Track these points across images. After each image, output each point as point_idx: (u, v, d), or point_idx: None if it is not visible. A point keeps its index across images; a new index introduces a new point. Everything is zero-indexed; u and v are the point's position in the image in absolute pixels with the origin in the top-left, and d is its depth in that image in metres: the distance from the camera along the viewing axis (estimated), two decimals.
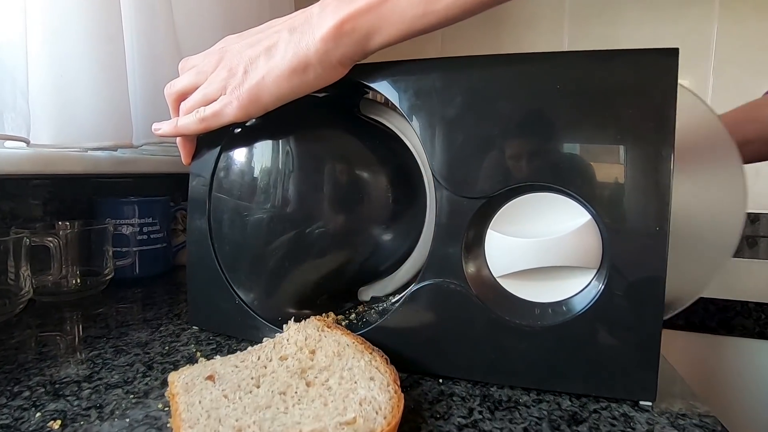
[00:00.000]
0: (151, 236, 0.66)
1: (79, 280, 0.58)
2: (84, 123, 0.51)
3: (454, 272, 0.34)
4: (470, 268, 0.34)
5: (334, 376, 0.30)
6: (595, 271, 0.32)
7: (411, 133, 0.42)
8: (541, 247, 0.32)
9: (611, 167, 0.31)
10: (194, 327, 0.46)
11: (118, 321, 0.48)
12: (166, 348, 0.41)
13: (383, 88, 0.36)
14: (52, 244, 0.52)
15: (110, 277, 0.60)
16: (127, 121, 0.55)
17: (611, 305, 0.31)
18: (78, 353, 0.40)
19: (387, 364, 0.31)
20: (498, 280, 0.34)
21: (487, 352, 0.34)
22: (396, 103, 0.36)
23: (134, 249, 0.64)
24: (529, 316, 0.33)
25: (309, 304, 0.42)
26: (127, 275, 0.64)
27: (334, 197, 0.40)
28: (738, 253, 0.96)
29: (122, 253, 0.63)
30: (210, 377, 0.30)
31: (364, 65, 0.37)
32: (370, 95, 0.45)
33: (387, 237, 0.42)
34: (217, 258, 0.43)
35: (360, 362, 0.31)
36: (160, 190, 0.69)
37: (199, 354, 0.40)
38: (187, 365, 0.32)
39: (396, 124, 0.43)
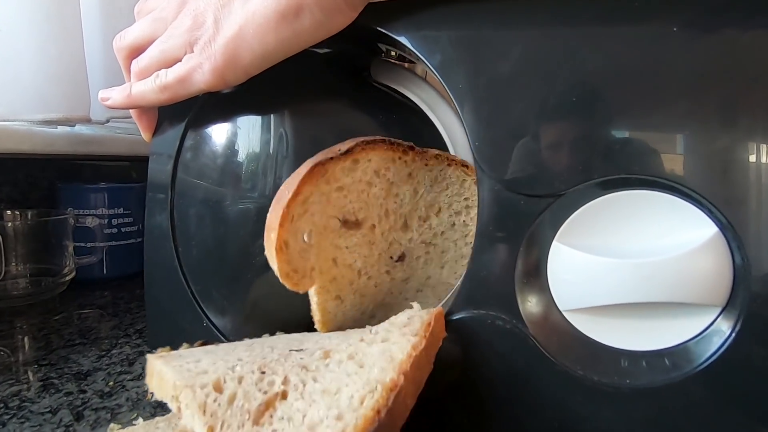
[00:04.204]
0: (123, 230, 0.56)
1: (29, 282, 0.48)
2: (28, 90, 0.41)
3: (502, 302, 0.24)
4: (527, 299, 0.24)
5: None
6: (719, 309, 0.22)
7: (438, 105, 0.32)
8: (638, 273, 0.22)
9: (757, 154, 0.20)
10: (155, 351, 0.36)
11: (62, 339, 0.39)
12: (111, 383, 0.31)
13: (406, 37, 0.26)
14: None
15: (70, 277, 0.50)
16: (83, 89, 0.45)
17: (746, 361, 0.21)
18: None
19: None
20: (566, 316, 0.24)
21: (548, 418, 0.24)
22: (424, 57, 0.25)
23: (101, 244, 0.54)
24: (614, 371, 0.23)
25: (300, 332, 0.32)
26: (94, 275, 0.55)
27: None
28: None
29: (87, 250, 0.54)
30: None
31: (379, 4, 0.26)
32: (384, 55, 0.35)
33: None
34: (180, 265, 0.33)
35: None
36: (134, 176, 0.59)
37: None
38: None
39: (419, 93, 0.32)
